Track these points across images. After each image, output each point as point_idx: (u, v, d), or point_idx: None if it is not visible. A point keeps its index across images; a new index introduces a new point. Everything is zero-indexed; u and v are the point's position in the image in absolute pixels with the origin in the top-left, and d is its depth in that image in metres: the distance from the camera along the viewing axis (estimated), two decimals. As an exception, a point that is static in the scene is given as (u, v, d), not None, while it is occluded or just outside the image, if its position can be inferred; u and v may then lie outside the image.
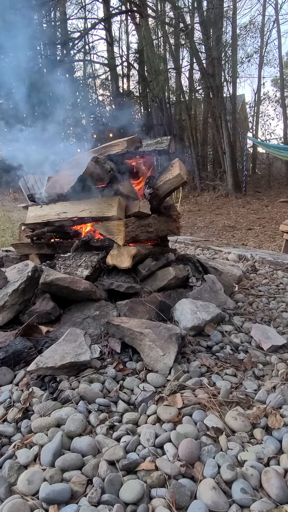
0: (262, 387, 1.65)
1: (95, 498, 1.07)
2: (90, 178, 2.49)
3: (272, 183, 15.80)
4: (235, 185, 13.92)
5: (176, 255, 2.88)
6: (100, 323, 2.13)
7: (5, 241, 6.25)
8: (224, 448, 1.27)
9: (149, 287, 2.45)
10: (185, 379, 1.68)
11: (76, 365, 1.72)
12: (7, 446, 1.34)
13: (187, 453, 1.21)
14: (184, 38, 15.06)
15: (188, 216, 10.41)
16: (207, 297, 2.47)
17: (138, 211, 2.47)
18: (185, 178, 2.54)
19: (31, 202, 3.13)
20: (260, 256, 4.32)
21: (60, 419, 1.41)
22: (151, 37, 14.92)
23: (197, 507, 1.04)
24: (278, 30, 17.02)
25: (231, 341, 2.11)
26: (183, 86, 17.92)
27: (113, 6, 17.78)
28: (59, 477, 1.16)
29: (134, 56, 19.35)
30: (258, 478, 1.14)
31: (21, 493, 1.12)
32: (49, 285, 2.16)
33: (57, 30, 15.59)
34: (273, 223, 8.37)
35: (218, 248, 5.07)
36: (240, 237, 7.16)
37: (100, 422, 1.42)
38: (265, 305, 2.75)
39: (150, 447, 1.27)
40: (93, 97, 18.62)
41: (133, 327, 1.93)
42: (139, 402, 1.54)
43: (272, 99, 20.41)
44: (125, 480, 1.14)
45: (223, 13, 14.09)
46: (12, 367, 1.81)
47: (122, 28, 21.74)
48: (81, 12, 19.52)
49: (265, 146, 12.83)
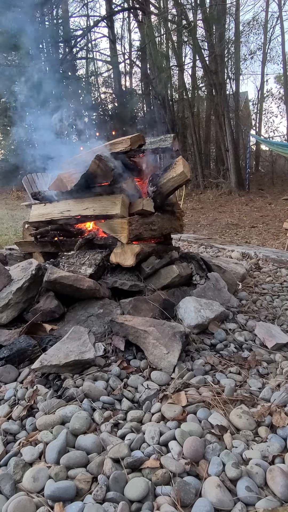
0: (267, 385, 1.65)
1: (100, 495, 1.07)
2: (93, 176, 2.49)
3: (276, 180, 15.71)
4: (238, 182, 13.85)
5: (179, 253, 2.87)
6: (104, 321, 2.13)
7: (8, 240, 6.26)
8: (229, 446, 1.27)
9: (152, 285, 2.45)
10: (189, 377, 1.68)
11: (80, 363, 1.73)
12: (12, 444, 1.35)
13: (191, 451, 1.21)
14: (187, 35, 14.98)
15: (191, 214, 10.38)
16: (210, 295, 2.47)
17: (142, 209, 2.47)
18: (188, 176, 2.53)
19: (35, 200, 3.14)
20: (264, 254, 4.30)
21: (65, 416, 1.41)
22: (153, 35, 14.85)
23: (202, 505, 1.04)
24: (281, 26, 16.88)
25: (235, 339, 2.11)
26: (186, 84, 17.86)
27: (115, 4, 17.71)
28: (64, 474, 1.16)
29: (136, 54, 19.30)
30: (263, 476, 1.14)
31: (27, 490, 1.13)
32: (53, 283, 2.16)
33: (60, 28, 15.55)
34: (277, 220, 8.34)
35: (222, 246, 5.05)
36: (244, 235, 7.13)
37: (104, 420, 1.42)
38: (269, 303, 2.74)
39: (155, 445, 1.27)
40: (96, 95, 18.59)
41: (137, 325, 1.93)
42: (144, 400, 1.54)
43: (275, 96, 20.30)
44: (130, 477, 1.14)
45: (226, 10, 13.99)
46: (17, 365, 1.81)
47: (125, 25, 21.64)
48: (84, 9, 19.49)
49: (268, 143, 12.75)
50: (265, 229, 7.52)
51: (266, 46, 17.76)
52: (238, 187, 13.72)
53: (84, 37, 16.66)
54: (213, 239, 6.18)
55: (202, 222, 9.12)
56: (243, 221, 8.74)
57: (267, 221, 8.45)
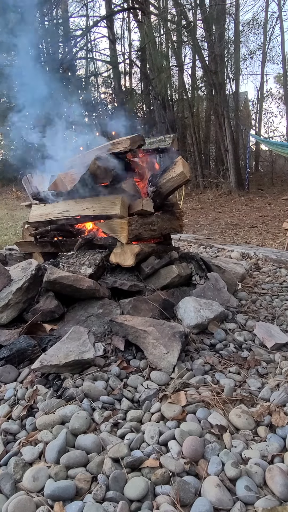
0: (266, 385, 1.65)
1: (100, 495, 1.08)
2: (93, 176, 2.49)
3: (275, 180, 15.71)
4: (238, 182, 13.85)
5: (179, 253, 2.88)
6: (103, 321, 2.13)
7: (8, 240, 6.26)
8: (228, 445, 1.27)
9: (152, 285, 2.46)
10: (188, 377, 1.68)
11: (80, 363, 1.73)
12: (12, 443, 1.35)
13: (191, 451, 1.22)
14: (187, 35, 14.98)
15: (190, 214, 10.38)
16: (210, 295, 2.47)
17: (141, 209, 2.47)
18: (188, 176, 2.53)
19: (35, 201, 3.14)
20: (263, 254, 4.31)
21: (65, 416, 1.42)
22: (153, 35, 14.84)
23: (201, 504, 1.05)
24: (281, 26, 16.98)
25: (234, 339, 2.11)
26: (186, 84, 17.86)
27: (115, 4, 17.68)
28: (64, 474, 1.17)
29: (136, 54, 19.28)
30: (262, 475, 1.14)
31: (27, 489, 1.13)
32: (53, 283, 2.17)
33: (59, 28, 15.54)
34: (276, 221, 8.34)
35: (221, 246, 5.06)
36: (243, 235, 7.14)
37: (104, 420, 1.43)
38: (269, 303, 2.75)
39: (154, 444, 1.28)
40: (96, 95, 18.59)
41: (137, 325, 1.93)
42: (143, 400, 1.55)
43: (275, 96, 20.32)
44: (129, 477, 1.15)
45: (226, 10, 13.99)
46: (17, 365, 1.82)
47: (124, 25, 21.62)
48: (83, 9, 19.47)
49: (268, 143, 12.76)
50: (265, 229, 7.53)
51: (265, 46, 17.77)
52: (237, 187, 13.73)
53: (83, 37, 16.65)
54: (212, 239, 6.19)
55: (202, 222, 9.12)
56: (243, 221, 8.74)
57: (266, 221, 8.46)
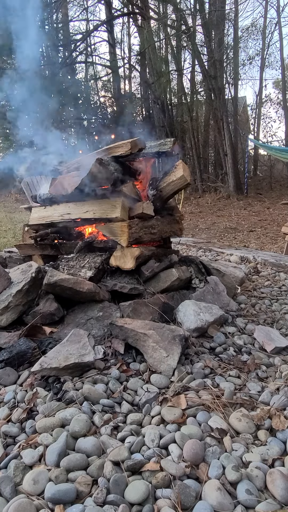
0: (266, 388, 1.65)
1: (101, 498, 1.08)
2: (94, 179, 2.50)
3: (274, 185, 15.78)
4: (236, 187, 13.90)
5: (179, 257, 2.88)
6: (103, 324, 2.13)
7: (7, 242, 6.27)
8: (228, 449, 1.27)
9: (152, 289, 2.46)
10: (188, 380, 1.68)
11: (80, 366, 1.73)
12: (12, 446, 1.35)
13: (191, 454, 1.21)
14: (186, 40, 15.08)
15: (189, 218, 10.41)
16: (210, 299, 2.48)
17: (142, 212, 2.48)
18: (188, 180, 2.54)
19: (35, 203, 3.15)
20: (262, 258, 4.32)
21: (65, 419, 1.41)
22: (153, 39, 14.93)
23: (202, 507, 1.04)
24: (280, 32, 17.07)
25: (234, 343, 2.11)
26: (185, 88, 17.96)
27: (115, 8, 17.81)
28: (64, 477, 1.16)
29: (136, 58, 19.39)
30: (263, 479, 1.14)
31: (27, 493, 1.13)
32: (53, 286, 2.17)
33: (59, 32, 15.63)
34: (275, 225, 8.37)
35: (220, 250, 5.07)
36: (242, 239, 7.16)
37: (104, 423, 1.42)
38: (268, 307, 2.75)
39: (155, 448, 1.27)
40: (96, 99, 18.65)
41: (137, 328, 1.93)
42: (143, 403, 1.55)
43: (274, 101, 20.43)
44: (130, 480, 1.14)
45: (225, 16, 14.11)
46: (16, 367, 1.81)
47: (124, 30, 21.77)
48: (83, 14, 19.60)
49: (267, 148, 12.84)
50: (263, 233, 7.55)
51: (264, 51, 17.90)
52: (236, 191, 13.77)
53: (83, 41, 16.74)
54: (211, 243, 6.20)
55: (201, 226, 9.15)
56: (242, 225, 8.77)
57: (265, 225, 8.49)
